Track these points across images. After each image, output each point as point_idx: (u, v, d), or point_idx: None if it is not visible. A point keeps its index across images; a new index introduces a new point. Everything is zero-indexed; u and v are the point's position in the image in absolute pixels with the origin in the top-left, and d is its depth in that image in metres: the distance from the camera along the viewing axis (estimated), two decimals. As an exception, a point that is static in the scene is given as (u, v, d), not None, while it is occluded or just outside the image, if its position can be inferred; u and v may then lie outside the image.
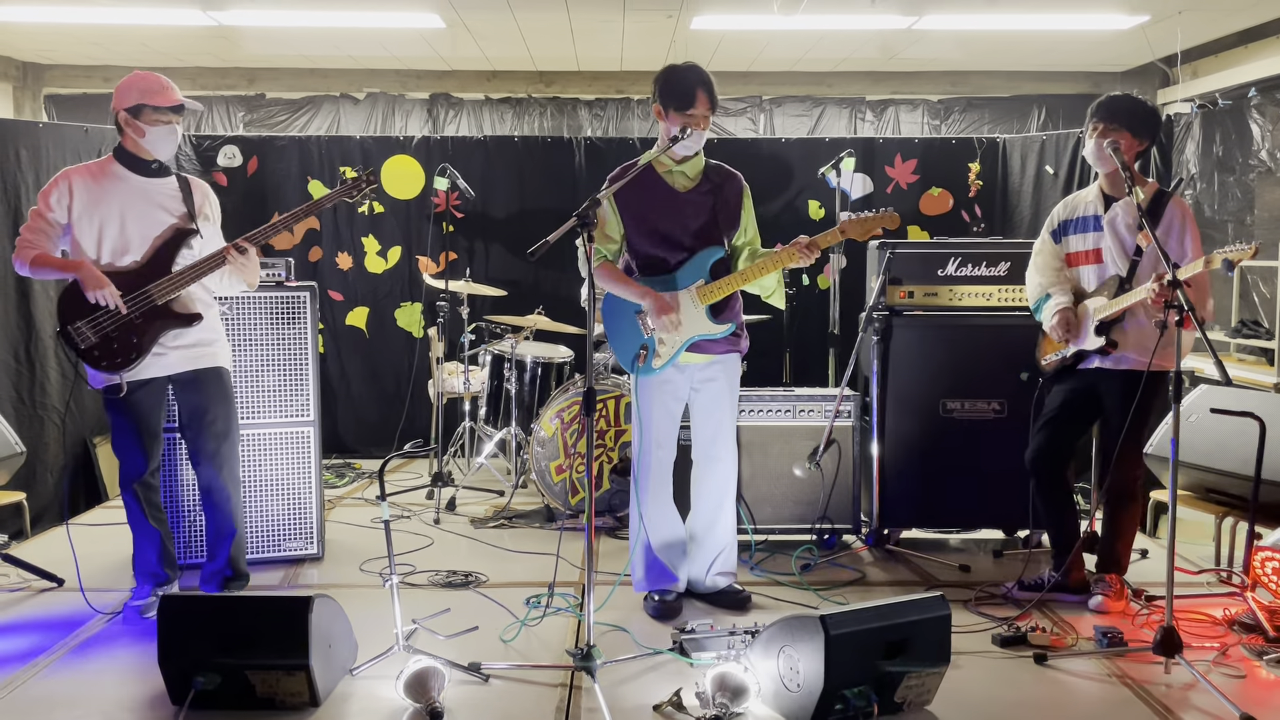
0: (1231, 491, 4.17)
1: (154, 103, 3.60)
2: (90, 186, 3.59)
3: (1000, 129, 7.48)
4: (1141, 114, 3.71)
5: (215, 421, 3.77)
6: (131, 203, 3.62)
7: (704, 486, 3.84)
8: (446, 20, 5.91)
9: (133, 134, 3.61)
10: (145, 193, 3.65)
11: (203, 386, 3.74)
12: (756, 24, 5.95)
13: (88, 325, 3.50)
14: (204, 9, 5.67)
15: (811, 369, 6.25)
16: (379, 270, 6.52)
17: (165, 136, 3.65)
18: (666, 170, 3.71)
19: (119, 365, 3.54)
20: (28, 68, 7.32)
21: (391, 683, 3.00)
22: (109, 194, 3.60)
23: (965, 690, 3.12)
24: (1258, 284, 5.84)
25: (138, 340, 3.54)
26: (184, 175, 3.81)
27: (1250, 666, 3.30)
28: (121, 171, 3.65)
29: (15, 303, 5.28)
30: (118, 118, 3.62)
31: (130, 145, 3.65)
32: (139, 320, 3.54)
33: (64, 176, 3.61)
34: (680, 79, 3.60)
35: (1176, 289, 3.17)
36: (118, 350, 3.53)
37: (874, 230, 3.59)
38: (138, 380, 3.61)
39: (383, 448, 6.32)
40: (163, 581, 3.78)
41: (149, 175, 3.67)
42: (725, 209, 3.73)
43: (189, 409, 3.77)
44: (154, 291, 3.55)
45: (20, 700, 3.06)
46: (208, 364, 3.75)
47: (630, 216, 3.69)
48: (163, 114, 3.61)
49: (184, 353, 3.67)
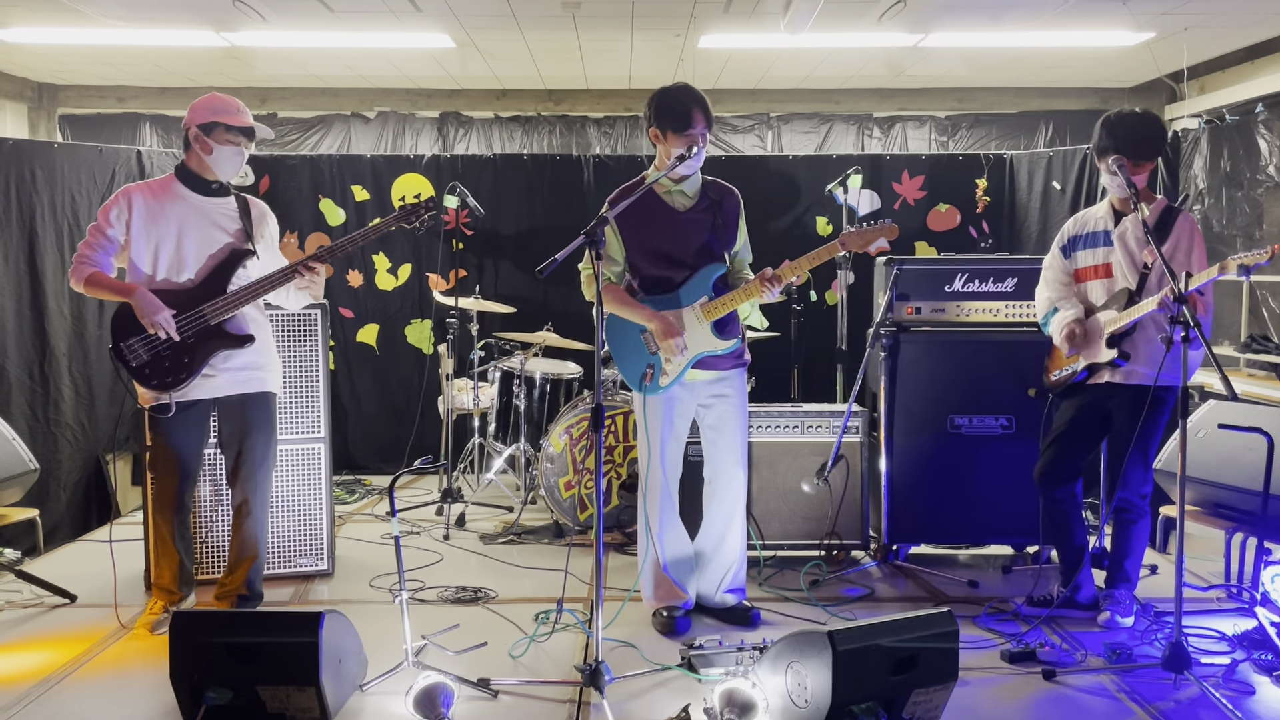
0: (1240, 507, 4.16)
1: (228, 121, 3.63)
2: (150, 204, 3.61)
3: (1007, 145, 7.50)
4: (1137, 135, 3.69)
5: (255, 448, 3.77)
6: (190, 221, 3.63)
7: (714, 502, 3.85)
8: (456, 40, 5.97)
9: (200, 151, 3.64)
10: (204, 211, 3.67)
11: (248, 411, 3.74)
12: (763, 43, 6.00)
13: (140, 343, 3.51)
14: (217, 30, 5.74)
15: (819, 385, 6.26)
16: (389, 287, 6.56)
17: (232, 157, 3.68)
18: (666, 191, 3.73)
19: (169, 385, 3.54)
20: (43, 88, 7.41)
21: (401, 698, 3.01)
22: (168, 211, 3.61)
23: (973, 706, 3.12)
24: (1267, 299, 5.83)
25: (189, 360, 3.55)
26: (244, 195, 3.82)
27: (1260, 682, 3.29)
28: (182, 190, 3.66)
29: (29, 321, 5.33)
30: (188, 134, 3.65)
31: (194, 164, 3.67)
32: (191, 340, 3.55)
33: (124, 193, 3.63)
34: (675, 101, 3.63)
35: (1183, 305, 3.18)
36: (169, 369, 3.53)
37: (873, 240, 3.60)
38: (185, 401, 3.61)
39: (393, 464, 6.35)
40: (177, 599, 3.79)
41: (209, 194, 3.69)
42: (724, 225, 3.76)
43: (231, 430, 3.76)
44: (208, 311, 3.56)
45: (33, 716, 3.08)
46: (256, 388, 3.75)
47: (632, 238, 3.72)
48: (234, 134, 3.65)
49: (233, 375, 3.67)
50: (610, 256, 3.72)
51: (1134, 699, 3.18)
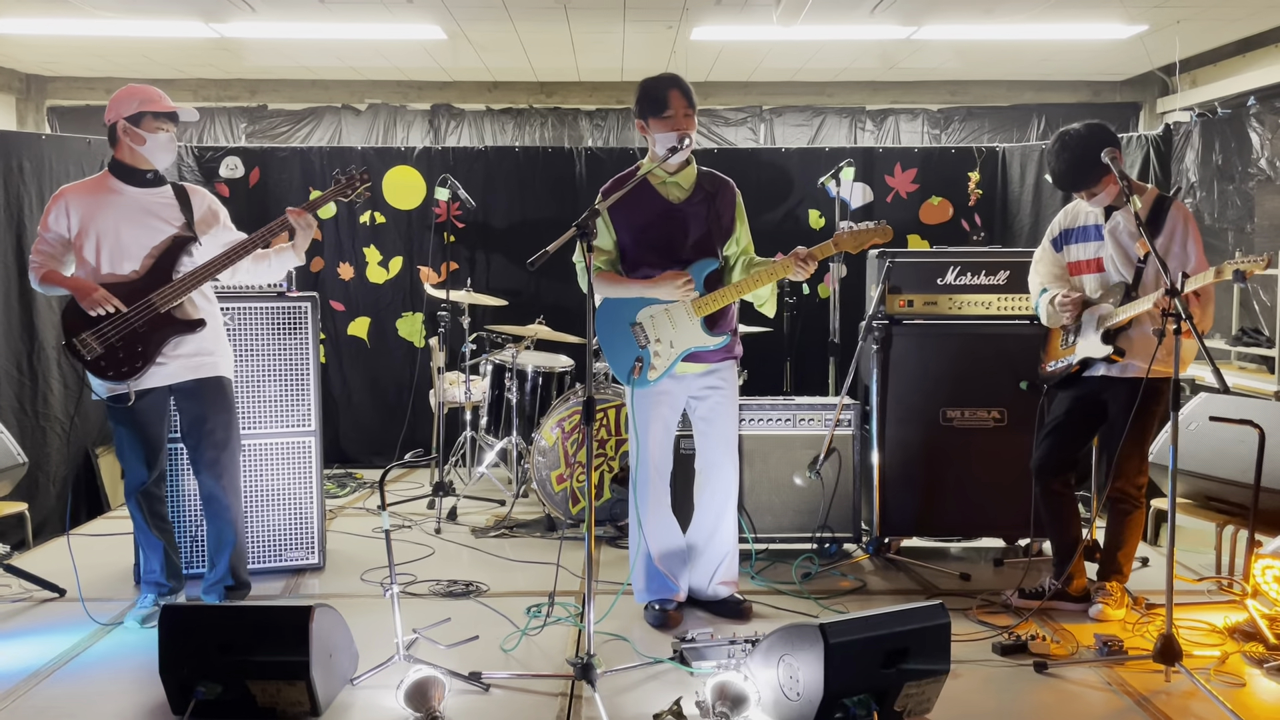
0: (1232, 499, 4.18)
1: (155, 109, 3.64)
2: (86, 200, 3.63)
3: (1000, 138, 7.51)
4: (1079, 161, 3.67)
5: (215, 431, 3.78)
6: (127, 214, 3.64)
7: (706, 495, 3.84)
8: (448, 32, 5.94)
9: (131, 143, 3.64)
10: (141, 203, 3.68)
11: (203, 396, 3.76)
12: (756, 34, 5.98)
13: (92, 336, 3.52)
14: (206, 21, 5.71)
15: (812, 378, 6.26)
16: (380, 280, 6.54)
17: (166, 145, 3.69)
18: (660, 182, 3.71)
19: (125, 375, 3.56)
20: (31, 80, 7.36)
21: (392, 692, 3.00)
22: (105, 207, 3.62)
23: (965, 699, 3.12)
24: (1258, 292, 5.85)
25: (143, 349, 3.57)
26: (180, 184, 3.84)
27: (1250, 675, 3.30)
28: (117, 184, 3.67)
29: (18, 314, 5.29)
30: (115, 128, 3.65)
31: (126, 156, 3.68)
32: (143, 329, 3.56)
33: (60, 196, 3.65)
34: (651, 87, 3.63)
35: (1176, 298, 3.17)
36: (123, 360, 3.55)
37: (867, 242, 3.59)
38: (141, 389, 3.63)
39: (384, 457, 6.34)
40: (166, 591, 3.80)
41: (144, 185, 3.70)
42: (719, 218, 3.73)
43: (189, 418, 3.78)
44: (157, 299, 3.57)
45: (22, 711, 3.06)
46: (208, 373, 3.76)
47: (627, 230, 3.70)
48: (162, 121, 3.66)
49: (185, 361, 3.69)
50: (599, 247, 3.71)
51: (1125, 691, 3.18)
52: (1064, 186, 3.85)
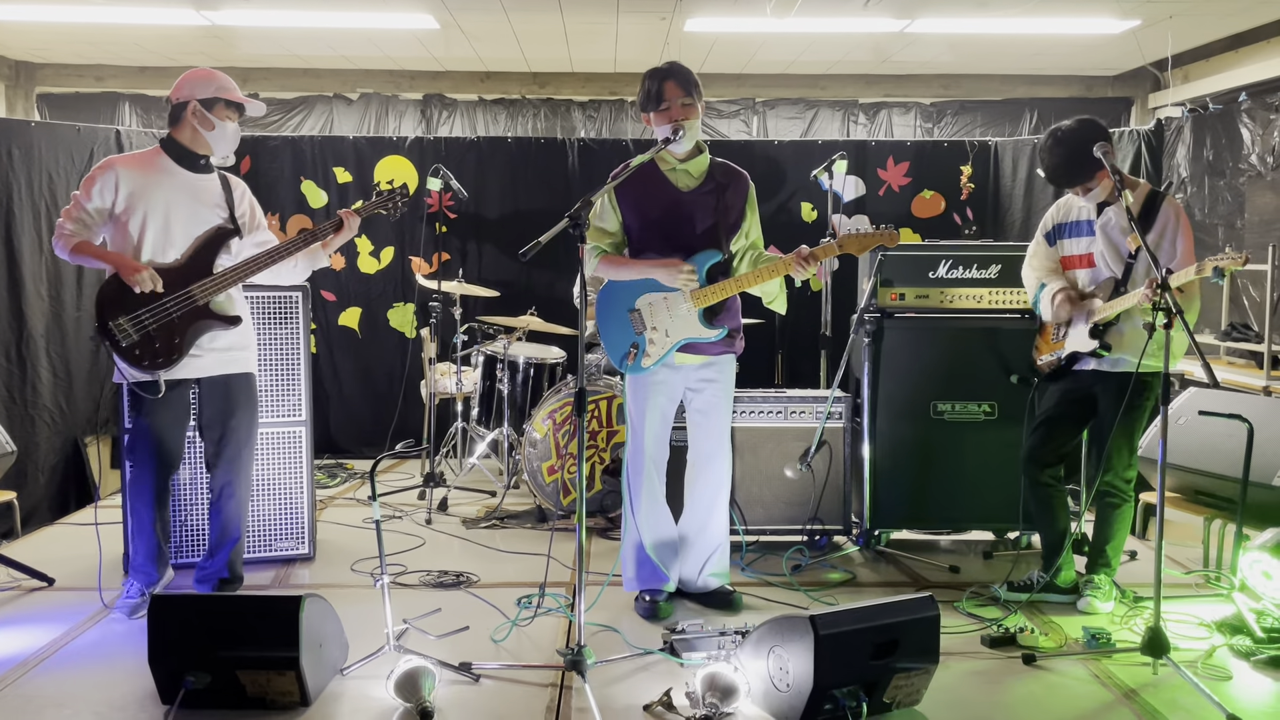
0: (1220, 494, 4.19)
1: (230, 97, 3.60)
2: (138, 176, 3.55)
3: (992, 132, 7.51)
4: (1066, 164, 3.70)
5: (239, 428, 3.75)
6: (178, 198, 3.58)
7: (698, 487, 3.84)
8: (440, 21, 5.91)
9: (199, 125, 3.59)
10: (192, 188, 3.62)
11: (232, 391, 3.73)
12: (750, 26, 5.97)
13: (129, 322, 3.46)
14: (197, 8, 5.67)
15: (803, 370, 6.27)
16: (372, 271, 6.52)
17: (232, 135, 3.66)
18: (670, 169, 3.69)
19: (160, 365, 3.51)
20: (20, 66, 7.31)
21: (382, 682, 3.00)
22: (156, 186, 3.56)
23: (954, 691, 3.14)
24: (1247, 288, 5.86)
25: (179, 340, 3.52)
26: (224, 173, 3.77)
27: (1237, 668, 3.32)
28: (169, 164, 3.61)
29: (6, 302, 5.26)
30: (185, 107, 3.58)
31: (186, 138, 3.61)
32: (180, 320, 3.51)
33: (109, 166, 3.55)
34: (649, 80, 3.63)
35: (1165, 292, 3.18)
36: (159, 349, 3.49)
37: (871, 246, 3.58)
38: (171, 380, 3.58)
39: (375, 448, 6.33)
40: (153, 581, 3.77)
41: (197, 170, 3.65)
42: (729, 210, 3.71)
43: (214, 412, 3.74)
44: (197, 291, 3.53)
45: (10, 700, 3.05)
46: (239, 369, 3.74)
47: (634, 215, 3.68)
48: (233, 110, 3.63)
49: (219, 356, 3.65)
50: (605, 229, 3.70)
51: (1113, 684, 3.20)
52: (1057, 182, 3.86)
